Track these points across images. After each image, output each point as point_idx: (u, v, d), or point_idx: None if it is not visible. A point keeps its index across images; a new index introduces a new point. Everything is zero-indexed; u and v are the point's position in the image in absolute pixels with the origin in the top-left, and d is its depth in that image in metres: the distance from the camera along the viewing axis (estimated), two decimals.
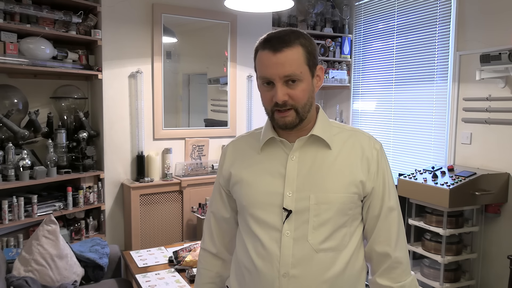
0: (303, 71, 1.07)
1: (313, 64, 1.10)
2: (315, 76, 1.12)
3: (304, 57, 1.07)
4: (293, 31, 1.10)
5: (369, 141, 1.16)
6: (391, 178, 1.18)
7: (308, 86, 1.09)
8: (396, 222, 1.15)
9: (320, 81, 1.14)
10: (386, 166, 1.17)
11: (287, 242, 1.09)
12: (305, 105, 1.10)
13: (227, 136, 3.84)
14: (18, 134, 2.85)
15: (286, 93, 1.07)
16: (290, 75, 1.06)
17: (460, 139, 3.23)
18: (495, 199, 2.87)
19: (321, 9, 4.33)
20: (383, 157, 1.17)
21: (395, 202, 1.16)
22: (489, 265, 3.02)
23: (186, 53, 3.70)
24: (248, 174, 1.18)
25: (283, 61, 1.05)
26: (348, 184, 1.11)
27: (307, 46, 1.09)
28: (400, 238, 1.15)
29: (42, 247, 2.34)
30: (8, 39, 2.81)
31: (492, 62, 2.77)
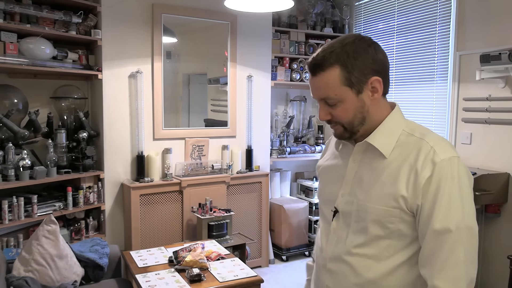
0: (340, 93, 1.06)
1: (359, 79, 1.05)
2: (366, 90, 1.07)
3: (341, 78, 1.04)
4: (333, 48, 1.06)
5: (428, 152, 1.03)
6: (456, 194, 1.00)
7: (352, 105, 1.07)
8: (447, 246, 0.99)
9: (376, 93, 1.07)
10: (445, 182, 1.00)
11: (332, 238, 1.16)
12: (351, 122, 1.09)
13: (227, 136, 3.84)
14: (18, 134, 2.85)
15: (328, 113, 1.09)
16: (324, 98, 1.08)
17: (460, 139, 3.23)
18: (495, 199, 2.87)
19: (321, 9, 4.33)
20: (444, 171, 1.00)
21: (455, 223, 0.99)
22: (489, 265, 3.02)
23: (186, 53, 3.70)
24: (323, 169, 1.27)
25: (317, 85, 1.08)
26: (387, 196, 1.05)
27: (348, 65, 1.04)
28: (449, 265, 0.99)
29: (42, 247, 2.34)
30: (8, 39, 2.81)
31: (492, 62, 2.78)
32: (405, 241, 1.06)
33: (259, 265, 3.91)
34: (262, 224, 3.92)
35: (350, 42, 1.06)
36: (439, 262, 0.99)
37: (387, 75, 1.10)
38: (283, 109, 4.50)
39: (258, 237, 3.90)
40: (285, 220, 4.02)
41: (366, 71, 1.05)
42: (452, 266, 0.99)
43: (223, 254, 2.72)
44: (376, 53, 1.06)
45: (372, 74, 1.05)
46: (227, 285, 2.32)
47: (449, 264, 0.99)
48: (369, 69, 1.05)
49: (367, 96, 1.07)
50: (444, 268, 0.99)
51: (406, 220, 1.05)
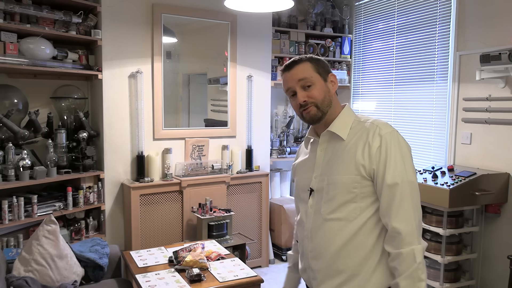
0: (313, 76, 1.39)
1: (324, 72, 1.41)
2: (328, 81, 1.42)
3: (313, 68, 1.40)
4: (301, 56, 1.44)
5: (375, 129, 1.34)
6: (399, 156, 1.30)
7: (322, 88, 1.40)
8: (397, 196, 1.28)
9: (334, 85, 1.43)
10: (390, 148, 1.30)
11: (310, 213, 1.44)
12: (323, 101, 1.39)
13: (227, 136, 3.84)
14: (18, 134, 2.85)
15: (305, 95, 1.39)
16: (302, 78, 1.39)
17: (460, 139, 3.23)
18: (495, 199, 2.87)
19: (321, 9, 4.33)
20: (388, 141, 1.31)
21: (401, 178, 1.28)
22: (489, 265, 3.02)
23: (186, 53, 3.70)
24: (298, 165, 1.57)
25: (295, 72, 1.41)
26: (350, 167, 1.34)
27: (315, 62, 1.41)
28: (401, 210, 1.27)
29: (42, 247, 2.34)
30: (8, 39, 2.81)
31: (492, 62, 2.78)
32: (367, 202, 1.34)
33: (259, 265, 3.91)
34: (262, 224, 3.92)
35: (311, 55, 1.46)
36: (394, 208, 1.28)
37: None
38: (283, 109, 4.50)
39: (258, 237, 3.90)
40: (285, 220, 4.02)
41: (326, 68, 1.43)
42: (403, 210, 1.28)
43: (223, 254, 2.72)
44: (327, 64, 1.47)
45: (330, 72, 1.44)
46: (227, 285, 2.32)
47: (401, 209, 1.27)
48: (327, 68, 1.43)
49: (329, 86, 1.42)
50: (398, 213, 1.28)
51: (366, 185, 1.33)
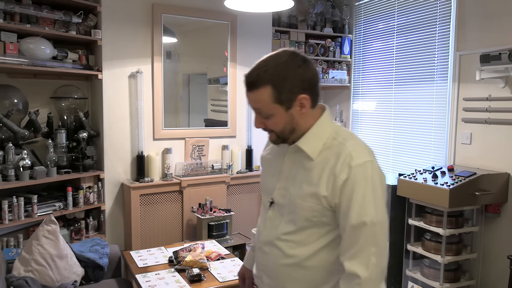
0: (271, 109, 1.21)
1: (288, 98, 1.20)
2: (295, 106, 1.21)
3: (272, 97, 1.19)
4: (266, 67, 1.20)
5: (346, 157, 1.18)
6: (368, 194, 1.16)
7: (282, 119, 1.22)
8: (362, 238, 1.14)
9: (304, 108, 1.22)
10: (358, 184, 1.16)
11: (267, 225, 1.34)
12: (281, 132, 1.25)
13: (227, 136, 3.84)
14: (18, 134, 2.85)
15: (261, 122, 1.26)
16: (257, 109, 1.24)
17: (460, 139, 3.23)
18: (495, 199, 2.87)
19: (321, 9, 4.33)
20: (358, 175, 1.16)
21: (367, 218, 1.14)
22: (489, 265, 3.02)
23: (186, 53, 3.70)
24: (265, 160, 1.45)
25: (252, 99, 1.24)
26: (312, 195, 1.22)
27: (278, 86, 1.18)
28: (364, 253, 1.14)
29: (42, 247, 2.34)
30: (8, 39, 2.81)
31: (492, 62, 2.77)
32: (326, 229, 1.24)
33: None
34: None
35: (283, 62, 1.19)
36: (356, 250, 1.15)
37: (315, 91, 1.24)
38: None
39: None
40: None
41: (295, 89, 1.19)
42: (366, 255, 1.14)
43: (223, 254, 2.72)
44: (305, 73, 1.20)
45: (300, 92, 1.20)
46: (227, 285, 2.32)
47: (364, 253, 1.14)
48: (297, 88, 1.19)
49: (296, 111, 1.22)
50: (360, 256, 1.14)
51: (327, 214, 1.22)
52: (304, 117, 1.25)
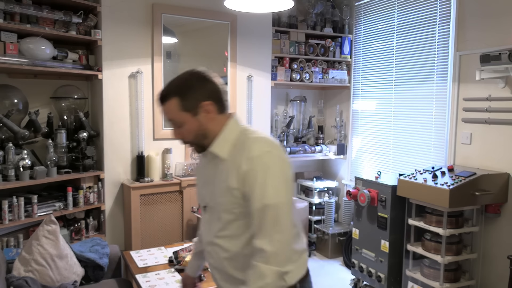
0: (181, 116, 1.37)
1: (193, 105, 1.37)
2: (201, 112, 1.37)
3: (180, 105, 1.37)
4: (173, 83, 1.41)
5: (247, 150, 1.33)
6: (269, 179, 1.29)
7: (193, 125, 1.38)
8: (266, 219, 1.28)
9: (209, 114, 1.38)
10: (257, 172, 1.30)
11: (205, 227, 1.52)
12: (196, 138, 1.41)
13: None
14: (18, 134, 2.85)
15: (178, 133, 1.42)
16: (171, 119, 1.40)
17: (460, 139, 3.23)
18: (495, 199, 2.87)
19: (321, 9, 4.33)
20: (256, 164, 1.30)
21: (270, 200, 1.28)
22: (489, 265, 3.02)
23: (186, 53, 3.70)
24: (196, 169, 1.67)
25: (165, 111, 1.41)
26: (226, 190, 1.36)
27: (183, 96, 1.37)
28: (267, 231, 1.28)
29: (42, 247, 2.34)
30: (8, 39, 2.81)
31: (492, 62, 2.77)
32: (250, 219, 1.33)
33: None
34: None
35: (186, 77, 1.40)
36: (262, 230, 1.29)
37: (219, 99, 1.41)
38: (283, 109, 4.50)
39: None
40: None
41: (199, 97, 1.37)
42: (270, 232, 1.28)
43: None
44: (207, 84, 1.39)
45: (204, 99, 1.37)
46: None
47: (269, 231, 1.28)
48: (201, 96, 1.37)
49: (203, 116, 1.38)
50: (265, 234, 1.28)
51: (244, 204, 1.34)
52: (213, 122, 1.40)
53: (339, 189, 4.57)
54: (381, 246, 3.24)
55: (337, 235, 4.21)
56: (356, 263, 3.51)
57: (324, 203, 4.27)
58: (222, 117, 1.42)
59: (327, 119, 4.75)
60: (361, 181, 3.44)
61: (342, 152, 4.43)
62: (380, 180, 3.27)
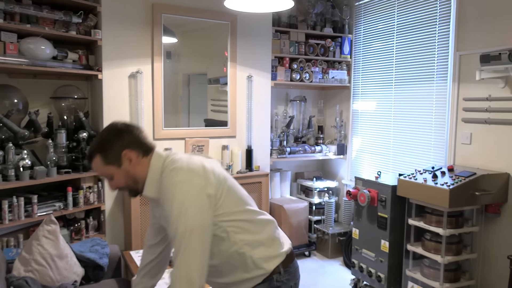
0: (108, 169, 1.49)
1: (115, 157, 1.47)
2: (124, 162, 1.48)
3: (103, 160, 1.48)
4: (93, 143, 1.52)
5: (164, 182, 1.43)
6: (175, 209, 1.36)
7: (120, 175, 1.49)
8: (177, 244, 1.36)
9: (132, 161, 1.48)
10: (170, 199, 1.38)
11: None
12: (127, 184, 1.52)
13: (227, 136, 3.84)
14: (18, 134, 2.85)
15: (112, 184, 1.53)
16: (101, 174, 1.53)
17: (460, 139, 3.23)
18: (495, 199, 2.87)
19: (321, 9, 4.33)
20: (170, 193, 1.39)
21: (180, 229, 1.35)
22: (489, 265, 3.02)
23: (186, 53, 3.70)
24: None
25: (94, 169, 1.52)
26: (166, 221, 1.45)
27: (104, 151, 1.47)
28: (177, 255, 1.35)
29: (42, 247, 2.34)
30: (8, 39, 2.81)
31: (492, 62, 2.77)
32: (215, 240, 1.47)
33: None
34: None
35: (104, 134, 1.52)
36: (175, 253, 1.36)
37: (139, 143, 1.51)
38: (283, 109, 4.51)
39: None
40: (285, 220, 4.02)
41: (117, 149, 1.47)
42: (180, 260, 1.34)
43: None
44: (122, 136, 1.49)
45: (123, 149, 1.47)
46: None
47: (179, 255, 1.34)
48: (120, 148, 1.47)
49: (127, 165, 1.48)
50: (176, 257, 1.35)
51: None
52: (138, 167, 1.49)
53: (339, 189, 4.57)
54: (381, 246, 3.24)
55: (337, 235, 4.21)
56: (356, 263, 3.51)
57: (324, 203, 4.27)
58: (146, 159, 1.51)
59: (327, 119, 4.75)
60: (361, 181, 3.44)
61: (342, 152, 4.43)
62: (380, 180, 3.27)
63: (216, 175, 1.48)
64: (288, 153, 4.20)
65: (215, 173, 1.48)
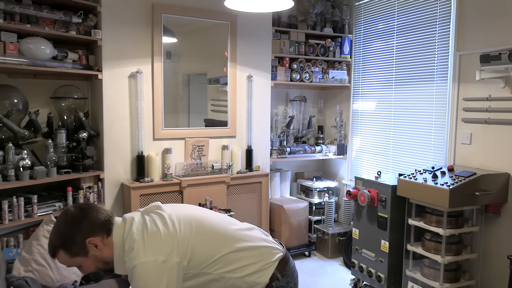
0: (75, 260, 1.47)
1: (80, 249, 1.45)
2: (90, 250, 1.46)
3: (68, 254, 1.45)
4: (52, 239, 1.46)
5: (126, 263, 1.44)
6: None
7: (89, 262, 1.48)
8: None
9: (98, 246, 1.46)
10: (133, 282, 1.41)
11: None
12: (98, 269, 1.52)
13: (227, 136, 3.84)
14: (18, 134, 2.85)
15: (83, 271, 1.53)
16: (69, 266, 1.51)
17: (460, 139, 3.23)
18: (495, 199, 2.87)
19: (321, 9, 4.33)
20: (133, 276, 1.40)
21: None
22: (489, 265, 3.02)
23: (186, 53, 3.70)
24: None
25: (61, 262, 1.50)
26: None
27: (67, 246, 1.44)
28: None
29: (42, 247, 2.34)
30: (8, 39, 2.81)
31: (492, 62, 2.78)
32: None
33: None
34: (262, 224, 3.92)
35: (61, 227, 1.46)
36: None
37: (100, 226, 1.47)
38: (283, 109, 4.50)
39: None
40: (285, 220, 4.02)
41: (79, 239, 1.44)
42: None
43: None
44: (81, 225, 1.45)
45: (86, 238, 1.44)
46: None
47: None
48: (81, 238, 1.44)
49: (93, 251, 1.46)
50: None
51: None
52: (105, 249, 1.48)
53: (339, 189, 4.57)
54: (381, 246, 3.24)
55: (337, 235, 4.21)
56: (356, 263, 3.51)
57: (324, 203, 4.27)
58: (110, 238, 1.49)
59: (327, 119, 4.75)
60: (361, 181, 3.44)
61: (342, 152, 4.43)
62: (380, 180, 3.27)
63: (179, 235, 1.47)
64: (288, 153, 4.20)
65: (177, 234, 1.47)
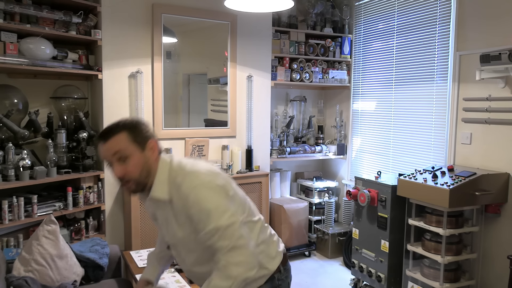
0: (129, 148, 1.40)
1: (142, 140, 1.43)
2: (147, 149, 1.43)
3: (129, 138, 1.41)
4: (120, 122, 1.45)
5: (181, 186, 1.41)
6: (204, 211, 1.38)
7: (139, 159, 1.42)
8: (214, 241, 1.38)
9: (154, 152, 1.45)
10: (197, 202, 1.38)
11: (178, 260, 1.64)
12: (140, 175, 1.43)
13: (227, 136, 3.84)
14: (18, 134, 2.85)
15: (122, 169, 1.41)
16: (117, 151, 1.40)
17: (460, 139, 3.23)
18: (495, 199, 2.87)
19: (321, 9, 4.33)
20: (191, 199, 1.38)
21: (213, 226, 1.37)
22: (489, 265, 3.02)
23: (186, 53, 3.70)
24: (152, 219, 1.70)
25: (110, 146, 1.41)
26: (181, 227, 1.46)
27: (132, 130, 1.42)
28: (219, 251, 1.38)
29: (42, 247, 2.34)
30: (8, 39, 2.81)
31: (492, 62, 2.77)
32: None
33: None
34: None
35: (132, 119, 1.47)
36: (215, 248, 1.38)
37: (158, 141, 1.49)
38: (283, 109, 4.50)
39: None
40: (285, 220, 4.02)
41: (147, 134, 1.45)
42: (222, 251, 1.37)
43: None
44: (149, 126, 1.48)
45: (150, 137, 1.45)
46: None
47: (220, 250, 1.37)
48: (148, 133, 1.45)
49: (149, 153, 1.44)
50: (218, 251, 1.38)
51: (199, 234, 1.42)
52: (155, 161, 1.46)
53: (339, 189, 4.57)
54: (381, 246, 3.24)
55: (337, 235, 4.21)
56: (356, 263, 3.51)
57: (324, 203, 4.27)
58: (158, 158, 1.48)
59: (327, 119, 4.75)
60: (361, 181, 3.44)
61: (342, 152, 4.43)
62: (380, 180, 3.27)
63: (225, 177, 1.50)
64: (288, 153, 4.20)
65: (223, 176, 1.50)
